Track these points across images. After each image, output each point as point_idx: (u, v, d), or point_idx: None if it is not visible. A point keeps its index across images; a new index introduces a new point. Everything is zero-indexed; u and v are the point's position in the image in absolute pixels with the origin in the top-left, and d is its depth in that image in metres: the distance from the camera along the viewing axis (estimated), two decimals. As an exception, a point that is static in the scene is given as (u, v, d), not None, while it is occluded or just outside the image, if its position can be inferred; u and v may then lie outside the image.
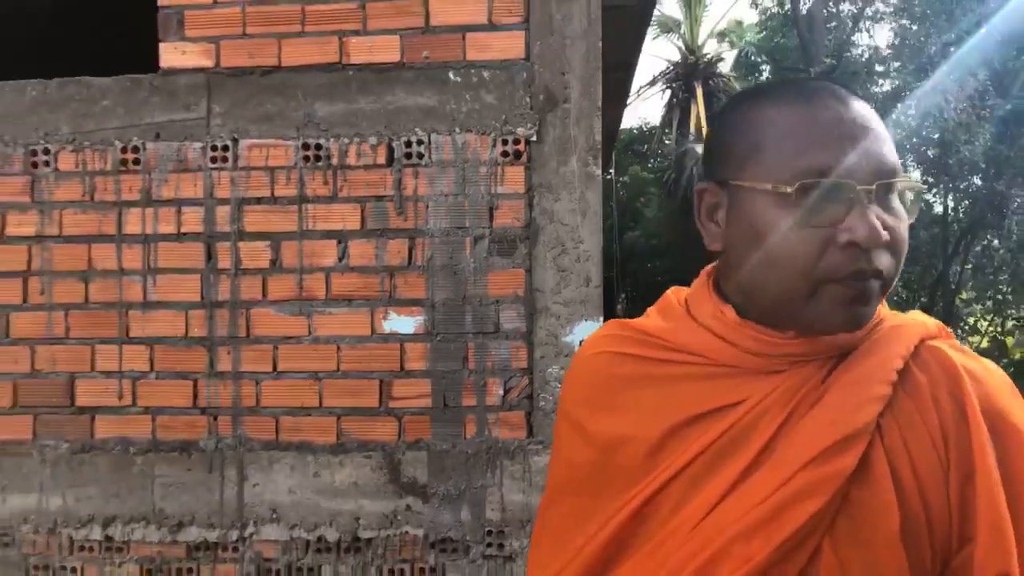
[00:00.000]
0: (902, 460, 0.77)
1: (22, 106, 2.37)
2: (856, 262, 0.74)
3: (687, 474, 0.79)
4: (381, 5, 2.28)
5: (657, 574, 0.77)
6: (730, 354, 0.82)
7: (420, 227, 2.28)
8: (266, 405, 2.29)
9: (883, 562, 0.74)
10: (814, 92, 0.78)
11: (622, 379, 0.88)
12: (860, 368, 0.79)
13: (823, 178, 0.73)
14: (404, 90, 2.28)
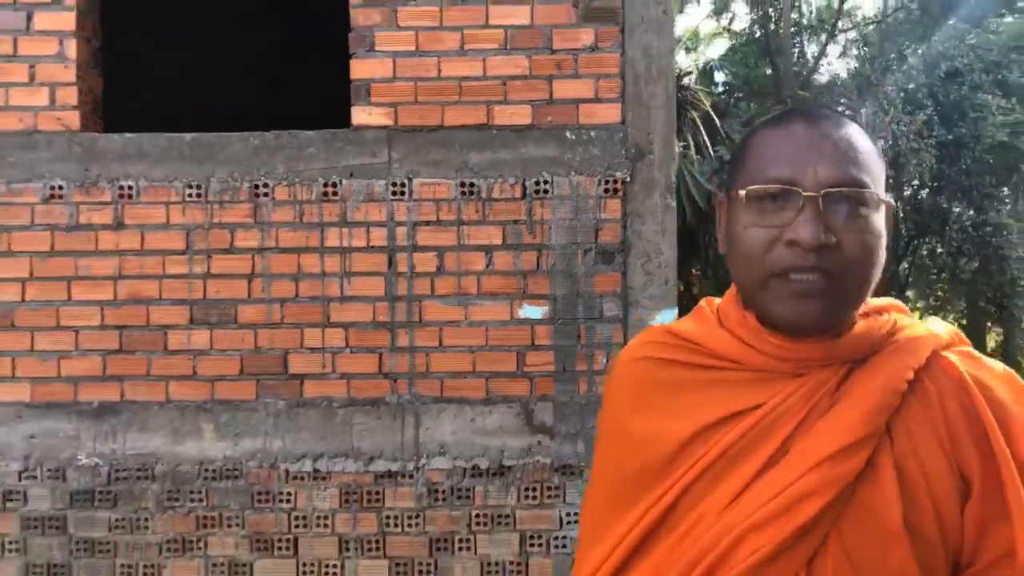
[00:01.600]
0: (911, 462, 0.85)
1: (246, 151, 3.20)
2: (795, 259, 0.84)
3: (712, 470, 0.89)
4: (518, 83, 3.16)
5: (683, 559, 0.88)
6: (755, 359, 0.92)
7: (545, 243, 3.17)
8: (434, 371, 3.16)
9: (886, 554, 0.83)
10: (794, 117, 0.90)
11: (659, 383, 0.98)
12: (872, 378, 0.88)
13: (775, 184, 0.86)
14: (534, 144, 3.17)
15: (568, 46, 3.17)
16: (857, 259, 0.85)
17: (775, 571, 0.84)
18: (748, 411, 0.90)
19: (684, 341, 0.99)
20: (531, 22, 3.17)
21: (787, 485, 0.85)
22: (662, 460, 0.93)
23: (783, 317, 0.87)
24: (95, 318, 3.18)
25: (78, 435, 3.17)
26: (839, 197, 0.84)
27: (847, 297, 0.87)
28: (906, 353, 0.89)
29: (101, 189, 3.18)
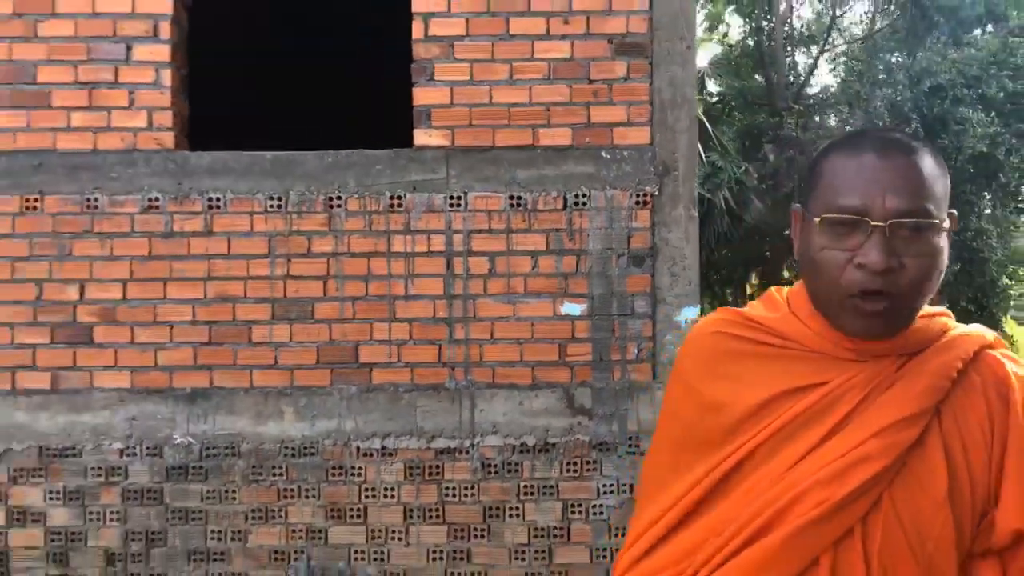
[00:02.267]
0: (955, 440, 0.98)
1: (321, 167, 3.64)
2: (865, 281, 0.95)
3: (779, 436, 1.00)
4: (559, 109, 3.62)
5: (746, 511, 0.99)
6: (821, 343, 1.04)
7: (583, 248, 3.63)
8: (487, 360, 3.61)
9: (930, 517, 0.95)
10: (865, 146, 0.99)
11: (731, 354, 1.09)
12: (926, 367, 1.00)
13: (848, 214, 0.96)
14: (574, 162, 3.63)
15: (604, 77, 3.64)
16: (919, 280, 0.97)
17: (833, 524, 0.95)
18: (815, 386, 1.01)
19: (755, 323, 1.11)
20: (571, 56, 3.63)
21: (849, 449, 0.96)
22: (731, 424, 1.03)
23: (853, 332, 1.01)
24: (187, 314, 3.61)
25: (173, 417, 3.60)
26: (904, 225, 0.95)
27: (910, 312, 1.00)
28: (956, 348, 1.02)
29: (192, 200, 3.62)
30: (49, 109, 3.63)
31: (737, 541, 0.99)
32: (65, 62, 3.63)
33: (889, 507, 0.96)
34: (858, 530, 0.96)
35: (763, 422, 1.02)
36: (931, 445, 0.98)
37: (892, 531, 0.96)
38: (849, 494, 0.95)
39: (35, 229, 3.62)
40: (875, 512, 0.96)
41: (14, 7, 3.63)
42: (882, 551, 0.95)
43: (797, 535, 0.96)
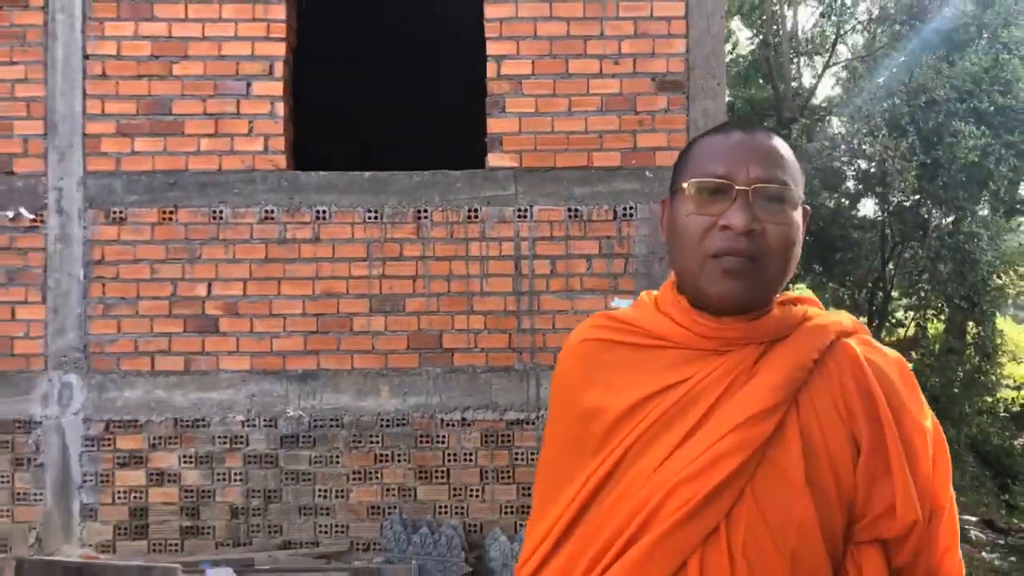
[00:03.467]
0: (814, 427, 1.03)
1: (411, 185, 4.33)
2: (728, 242, 1.01)
3: (647, 435, 1.05)
4: (610, 136, 4.31)
5: (623, 512, 1.03)
6: (684, 336, 1.09)
7: (631, 252, 4.32)
8: (549, 346, 4.31)
9: (791, 505, 0.99)
10: (732, 127, 1.08)
11: (602, 362, 1.14)
12: (783, 356, 1.05)
13: (714, 178, 1.03)
14: (622, 181, 4.32)
15: (647, 109, 4.33)
16: (778, 246, 1.02)
17: (699, 522, 0.98)
18: (678, 384, 1.05)
19: (623, 324, 1.15)
20: (620, 91, 4.33)
21: (710, 445, 0.99)
22: (606, 429, 1.07)
23: (715, 292, 1.03)
24: (298, 308, 4.31)
25: (286, 394, 4.30)
26: (765, 192, 1.01)
27: (768, 279, 1.03)
28: (814, 337, 1.05)
29: (302, 212, 4.31)
30: (182, 136, 4.32)
31: (612, 550, 1.02)
32: (196, 96, 4.32)
33: (751, 500, 1.00)
34: (723, 527, 0.99)
35: (632, 424, 1.06)
36: (790, 434, 1.01)
37: (755, 525, 0.99)
38: (712, 490, 0.99)
39: (170, 237, 4.31)
40: (739, 506, 1.00)
41: (152, 50, 4.33)
42: (746, 546, 0.99)
43: (665, 538, 1.00)
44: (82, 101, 4.33)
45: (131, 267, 4.31)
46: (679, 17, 4.33)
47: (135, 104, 4.33)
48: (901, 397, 1.04)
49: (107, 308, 4.31)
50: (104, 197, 4.32)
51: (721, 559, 0.98)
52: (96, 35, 4.34)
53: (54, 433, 4.28)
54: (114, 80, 4.34)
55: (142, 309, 4.31)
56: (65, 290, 4.31)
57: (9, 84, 4.34)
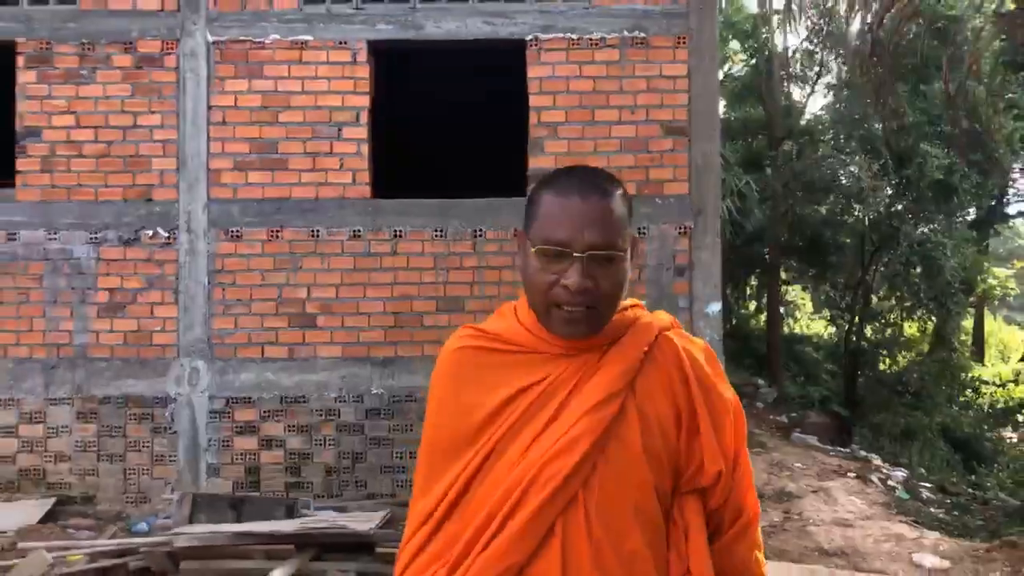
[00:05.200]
0: (648, 407, 1.27)
1: (470, 210, 5.43)
2: (567, 297, 1.22)
3: (515, 427, 1.25)
4: (627, 170, 5.41)
5: (499, 492, 1.22)
6: (539, 344, 1.30)
7: (644, 264, 5.42)
8: (579, 338, 5.40)
9: (632, 468, 1.24)
10: (570, 186, 1.26)
11: (475, 365, 1.33)
12: (620, 352, 1.29)
13: (556, 246, 1.22)
14: (638, 206, 5.39)
15: (657, 148, 5.44)
16: (609, 294, 1.25)
17: (564, 494, 1.21)
18: (540, 382, 1.27)
19: (489, 335, 1.35)
20: (636, 135, 5.44)
21: (568, 429, 1.22)
22: (480, 423, 1.27)
23: (559, 333, 1.27)
24: (380, 307, 5.41)
25: (371, 376, 5.40)
26: (598, 256, 1.22)
27: (603, 318, 1.27)
28: (643, 333, 1.31)
29: (383, 232, 5.41)
30: (286, 171, 5.43)
31: (493, 524, 1.20)
32: (297, 139, 5.43)
33: (603, 468, 1.22)
34: (581, 494, 1.21)
35: (502, 418, 1.25)
36: (630, 414, 1.24)
37: (606, 488, 1.22)
38: (574, 466, 1.20)
39: (277, 251, 5.41)
40: (592, 475, 1.22)
41: (262, 102, 5.43)
42: (599, 505, 1.21)
43: (538, 510, 1.19)
44: (206, 143, 5.43)
45: (245, 275, 5.41)
46: (682, 76, 5.44)
47: (248, 145, 5.44)
48: (709, 376, 1.32)
49: (227, 308, 5.41)
50: (224, 219, 5.42)
51: (579, 519, 1.20)
52: (218, 90, 5.44)
53: (185, 407, 5.38)
54: (232, 126, 5.44)
55: (254, 309, 5.41)
56: (193, 294, 5.41)
57: (148, 129, 5.44)
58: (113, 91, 5.45)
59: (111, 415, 5.38)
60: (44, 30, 5.47)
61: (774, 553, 4.66)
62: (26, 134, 5.45)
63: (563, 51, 5.43)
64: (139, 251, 5.43)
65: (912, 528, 5.27)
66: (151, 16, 5.47)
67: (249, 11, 5.46)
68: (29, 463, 5.36)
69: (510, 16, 5.46)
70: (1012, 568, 4.45)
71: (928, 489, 6.89)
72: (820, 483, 6.46)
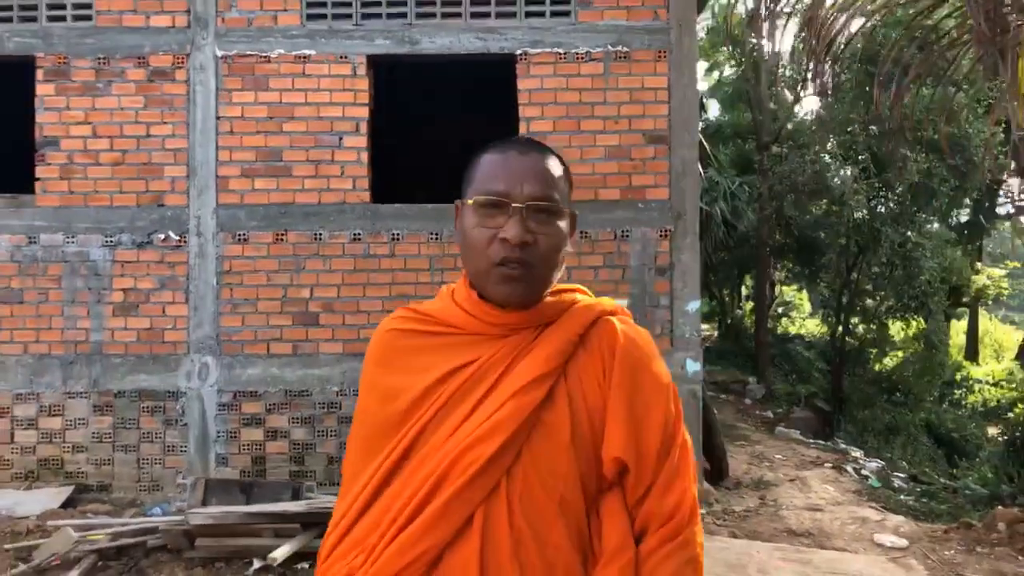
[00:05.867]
0: (578, 393, 1.22)
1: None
2: (506, 252, 1.18)
3: (442, 411, 1.21)
4: (612, 177, 5.75)
5: (419, 477, 1.18)
6: (474, 324, 1.26)
7: (627, 264, 5.76)
8: (567, 335, 5.73)
9: (558, 459, 1.18)
10: (511, 147, 1.25)
11: (403, 348, 1.29)
12: (554, 334, 1.24)
13: (495, 196, 1.20)
14: (621, 210, 5.76)
15: (640, 156, 5.78)
16: (548, 252, 1.22)
17: (485, 480, 1.16)
18: (468, 364, 1.23)
19: (423, 315, 1.32)
20: (619, 144, 5.77)
21: (493, 412, 1.18)
22: (406, 407, 1.22)
23: (497, 295, 1.23)
24: (379, 306, 5.74)
25: (370, 371, 5.72)
26: (537, 208, 1.20)
27: (541, 279, 1.24)
28: (580, 316, 1.27)
29: (382, 235, 5.75)
30: (291, 177, 5.77)
31: (408, 511, 1.16)
32: (301, 148, 5.77)
33: (528, 457, 1.17)
34: (503, 483, 1.16)
35: (429, 401, 1.21)
36: (559, 400, 1.20)
37: (530, 478, 1.17)
38: (495, 453, 1.15)
39: (282, 253, 5.75)
40: (516, 463, 1.17)
41: (268, 113, 5.77)
42: (523, 496, 1.16)
43: (454, 497, 1.15)
44: (215, 151, 5.77)
45: (252, 276, 5.75)
46: (663, 88, 5.78)
47: (255, 153, 5.78)
48: (643, 360, 1.27)
49: (234, 307, 5.75)
50: (232, 223, 5.76)
51: (501, 509, 1.15)
52: (226, 102, 5.78)
53: (195, 400, 5.72)
54: (239, 135, 5.79)
55: (260, 308, 5.75)
56: (202, 293, 5.75)
57: (160, 139, 5.78)
58: (127, 103, 5.79)
59: (126, 408, 5.72)
60: (62, 45, 5.81)
61: (747, 534, 5.00)
62: (45, 143, 5.79)
63: (551, 65, 5.77)
64: (152, 253, 5.77)
65: (878, 512, 5.61)
66: (163, 32, 5.81)
67: (255, 27, 5.80)
68: (48, 453, 5.70)
69: (501, 32, 5.80)
70: (966, 547, 4.79)
71: (900, 479, 7.22)
72: (797, 473, 6.80)
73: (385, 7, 5.82)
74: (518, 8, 5.81)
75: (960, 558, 4.61)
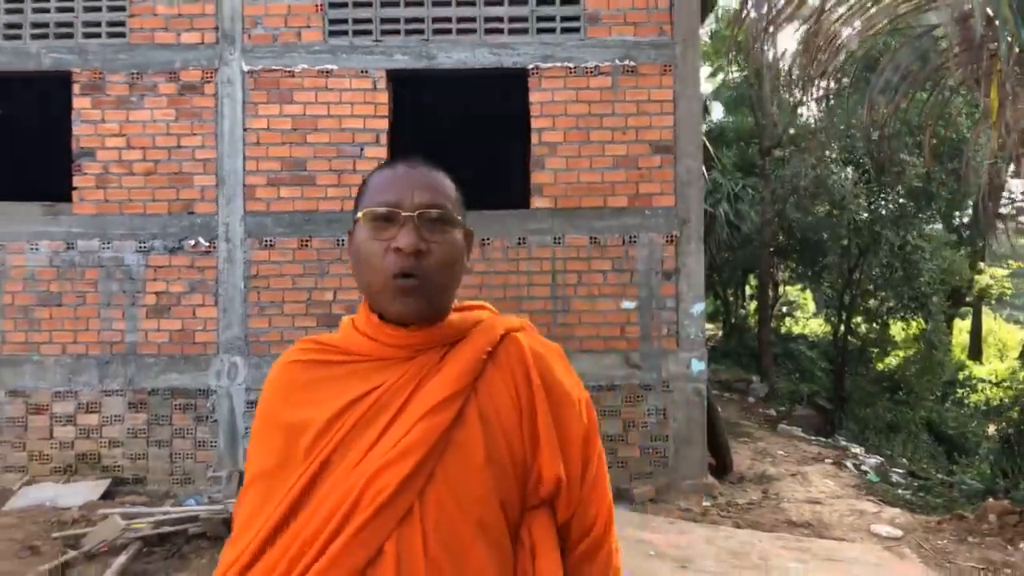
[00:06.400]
0: (490, 411, 1.17)
1: (478, 221, 6.05)
2: (400, 262, 1.15)
3: (346, 440, 1.14)
4: (620, 185, 6.03)
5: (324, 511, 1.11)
6: (377, 350, 1.21)
7: (635, 268, 6.04)
8: (576, 336, 6.01)
9: (474, 480, 1.13)
10: (398, 163, 1.24)
11: (305, 382, 1.22)
12: (461, 353, 1.20)
13: (385, 207, 1.17)
14: (628, 217, 6.05)
15: (646, 165, 6.06)
16: (443, 262, 1.19)
17: (395, 508, 1.10)
18: (373, 390, 1.17)
19: (325, 345, 1.26)
20: (627, 153, 6.06)
21: (401, 437, 1.12)
22: (310, 441, 1.16)
23: (395, 311, 1.19)
24: (398, 309, 6.03)
25: (390, 370, 6.02)
26: (428, 216, 1.18)
27: (438, 291, 1.20)
28: (486, 333, 1.24)
29: (400, 241, 6.03)
30: (314, 186, 6.07)
31: (314, 547, 1.09)
32: (324, 158, 6.07)
33: (441, 480, 1.12)
34: (416, 509, 1.11)
35: (331, 433, 1.16)
36: (470, 419, 1.16)
37: (444, 502, 1.12)
38: (405, 477, 1.10)
39: (307, 258, 6.05)
40: (429, 486, 1.12)
41: (292, 125, 6.07)
42: (438, 522, 1.11)
43: (364, 526, 1.09)
44: (242, 161, 6.07)
45: (278, 280, 6.06)
46: (669, 100, 6.06)
47: (280, 163, 6.08)
48: (554, 374, 1.24)
49: (261, 309, 6.05)
50: (258, 230, 6.07)
51: (415, 537, 1.10)
52: (252, 114, 6.08)
53: (225, 398, 6.02)
54: (265, 146, 6.09)
55: (286, 310, 6.05)
56: (231, 296, 6.06)
57: (191, 150, 6.09)
58: (159, 115, 6.10)
59: (159, 405, 6.03)
60: (97, 61, 6.12)
61: (749, 525, 5.28)
62: (82, 154, 6.10)
63: (561, 78, 6.06)
64: (183, 259, 6.07)
65: (875, 505, 5.88)
66: (192, 48, 6.11)
67: (280, 43, 6.10)
68: (86, 448, 6.01)
69: (513, 47, 6.09)
70: (958, 538, 5.06)
71: (899, 474, 7.48)
72: (799, 468, 7.07)
73: (403, 24, 6.11)
74: (530, 24, 6.10)
75: (952, 547, 4.88)
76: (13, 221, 6.10)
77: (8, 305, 6.05)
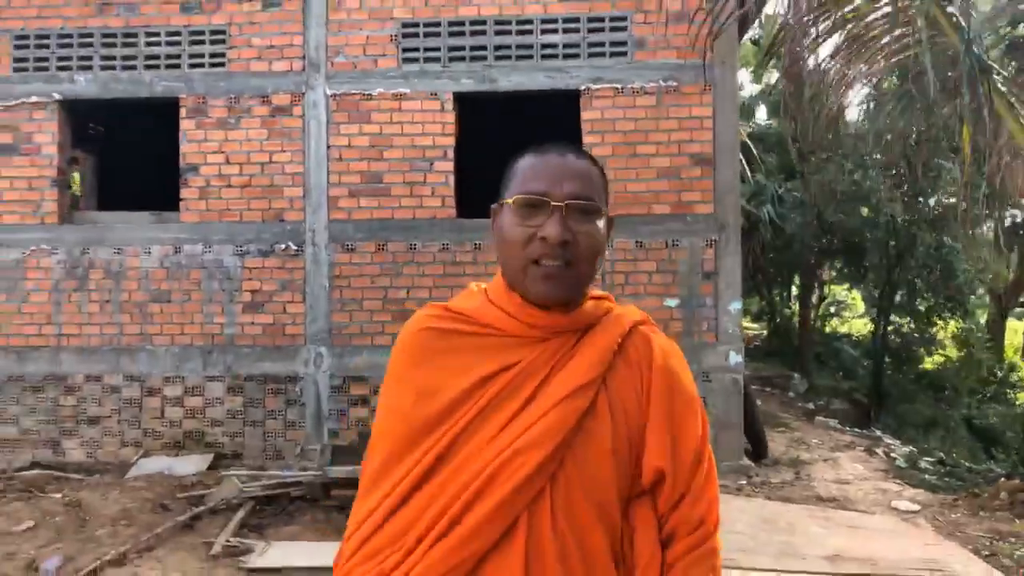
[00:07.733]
0: (617, 403, 1.23)
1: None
2: (545, 251, 1.19)
3: (484, 412, 1.20)
4: (663, 194, 6.66)
5: (459, 481, 1.17)
6: (514, 327, 1.25)
7: (677, 270, 6.67)
8: (624, 330, 6.67)
9: (599, 466, 1.20)
10: (549, 149, 1.26)
11: (439, 348, 1.27)
12: (593, 342, 1.25)
13: (535, 195, 1.21)
14: (671, 223, 6.68)
15: (687, 176, 6.69)
16: (587, 253, 1.23)
17: (532, 485, 1.16)
18: (510, 367, 1.22)
19: (457, 314, 1.30)
20: (670, 165, 6.69)
21: (538, 418, 1.18)
22: (444, 407, 1.21)
23: (537, 292, 1.22)
24: (463, 305, 6.76)
25: (456, 360, 6.75)
26: (576, 207, 1.21)
27: (580, 279, 1.24)
28: (616, 325, 1.29)
29: (466, 244, 6.77)
30: (389, 196, 6.83)
31: (447, 516, 1.16)
32: (397, 171, 6.83)
33: (571, 463, 1.18)
34: (547, 488, 1.17)
35: (470, 402, 1.21)
36: (601, 409, 1.22)
37: (572, 483, 1.18)
38: (544, 459, 1.16)
39: (383, 260, 6.82)
40: (560, 470, 1.18)
41: (370, 142, 6.85)
42: (566, 501, 1.17)
43: (502, 503, 1.15)
44: (326, 175, 6.87)
45: (358, 279, 6.84)
46: (708, 117, 6.68)
47: (360, 176, 6.86)
48: (676, 372, 1.30)
49: (343, 306, 6.84)
50: (341, 235, 6.85)
51: (545, 515, 1.17)
52: (335, 133, 6.88)
53: (311, 384, 6.83)
54: (346, 161, 6.88)
55: (365, 306, 6.83)
56: (316, 294, 6.86)
57: (281, 165, 6.91)
58: (254, 135, 6.93)
59: (254, 390, 6.86)
60: (201, 87, 6.98)
61: (780, 499, 5.87)
62: (187, 170, 6.97)
63: (610, 98, 6.73)
64: (274, 261, 6.89)
65: (899, 486, 6.41)
66: (283, 76, 6.93)
67: (359, 70, 6.88)
68: (192, 427, 6.87)
69: (567, 71, 6.77)
70: (971, 512, 5.59)
71: (929, 462, 7.94)
72: (831, 454, 7.61)
73: (468, 51, 6.84)
74: (582, 50, 6.78)
75: (964, 520, 5.42)
76: (129, 229, 7.00)
77: (126, 301, 6.95)
